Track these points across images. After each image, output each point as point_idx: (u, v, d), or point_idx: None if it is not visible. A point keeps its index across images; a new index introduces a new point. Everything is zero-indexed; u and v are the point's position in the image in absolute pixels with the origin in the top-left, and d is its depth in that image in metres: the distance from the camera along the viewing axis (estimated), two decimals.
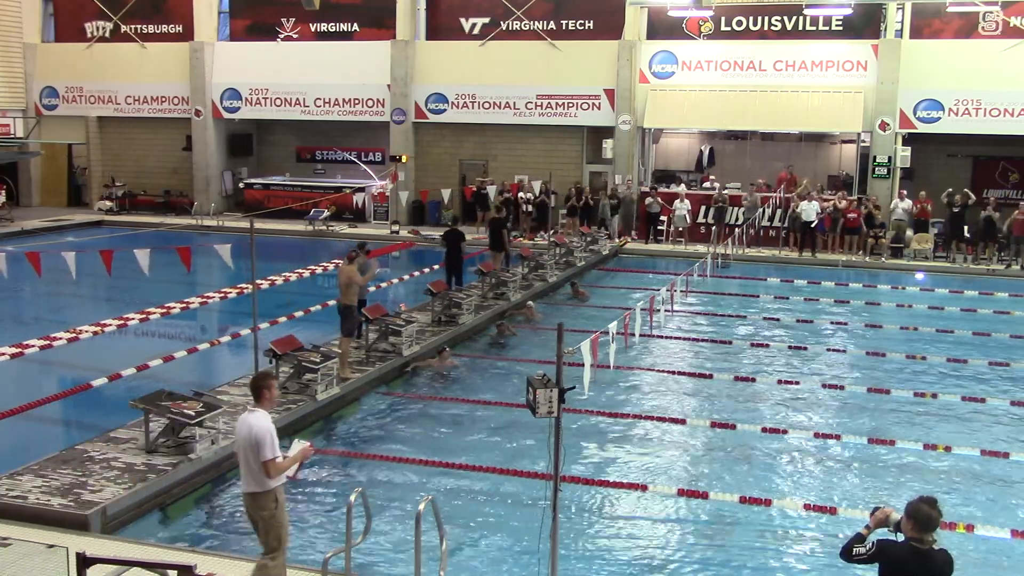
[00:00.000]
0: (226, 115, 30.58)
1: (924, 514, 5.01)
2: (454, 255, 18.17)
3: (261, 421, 6.53)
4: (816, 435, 11.45)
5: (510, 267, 20.09)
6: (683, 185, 27.11)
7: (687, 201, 25.53)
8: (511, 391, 12.35)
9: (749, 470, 10.48)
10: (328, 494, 9.51)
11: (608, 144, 26.94)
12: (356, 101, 29.41)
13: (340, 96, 29.46)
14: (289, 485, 7.77)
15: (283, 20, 30.22)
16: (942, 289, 20.88)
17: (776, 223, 25.14)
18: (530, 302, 17.89)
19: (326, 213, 27.80)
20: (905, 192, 24.50)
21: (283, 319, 16.54)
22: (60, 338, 15.21)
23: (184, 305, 18.12)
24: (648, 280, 21.19)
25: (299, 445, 6.89)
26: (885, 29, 25.47)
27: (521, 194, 26.20)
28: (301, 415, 11.41)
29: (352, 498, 7.09)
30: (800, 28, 26.12)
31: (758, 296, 19.86)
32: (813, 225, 24.01)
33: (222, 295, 18.98)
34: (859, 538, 5.20)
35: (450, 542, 7.59)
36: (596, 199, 25.99)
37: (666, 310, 16.39)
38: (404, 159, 28.64)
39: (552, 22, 27.88)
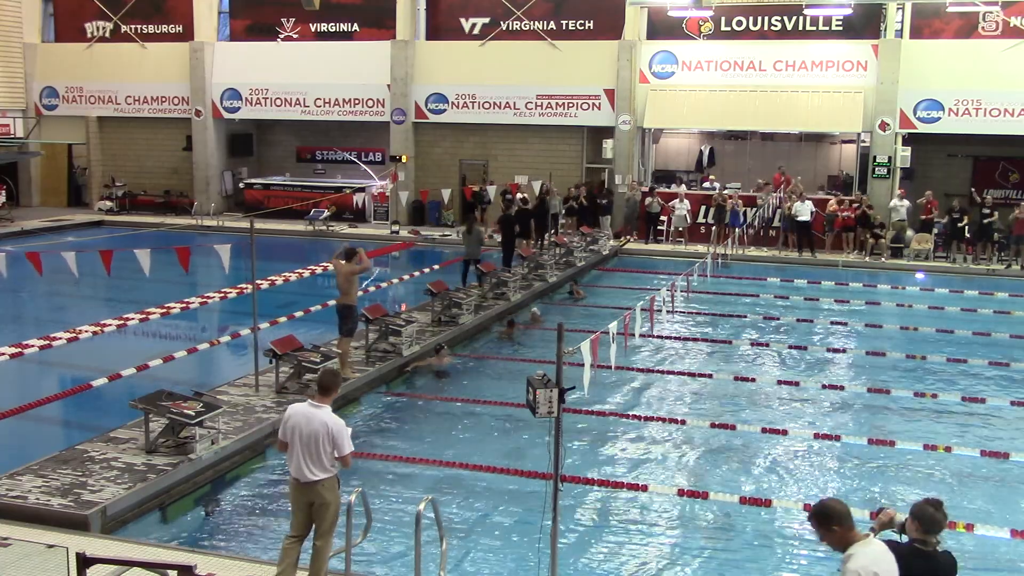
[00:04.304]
0: (226, 115, 30.58)
1: (929, 515, 5.01)
2: (508, 240, 20.07)
3: (336, 417, 6.93)
4: (816, 435, 11.45)
5: (511, 266, 20.14)
6: (683, 185, 27.11)
7: (687, 201, 25.54)
8: (511, 391, 12.34)
9: (749, 470, 10.49)
10: None
11: (608, 144, 26.94)
12: (356, 101, 29.41)
13: (340, 96, 29.46)
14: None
15: (283, 20, 30.21)
16: (942, 289, 20.88)
17: (776, 223, 25.16)
18: (534, 308, 17.90)
19: (326, 213, 27.79)
20: (903, 191, 24.52)
21: (283, 319, 16.55)
22: (60, 338, 15.20)
23: (184, 305, 18.12)
24: (648, 280, 21.19)
25: None
26: (885, 29, 25.47)
27: (519, 195, 26.17)
28: None
29: (352, 498, 7.10)
30: (800, 28, 26.11)
31: (758, 296, 19.86)
32: (808, 221, 24.06)
33: (222, 295, 18.97)
34: None
35: (450, 542, 7.59)
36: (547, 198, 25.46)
37: (667, 310, 16.39)
38: (404, 159, 28.65)
39: (552, 22, 27.88)
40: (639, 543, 8.71)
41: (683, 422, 11.89)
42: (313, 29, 30.06)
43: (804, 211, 24.12)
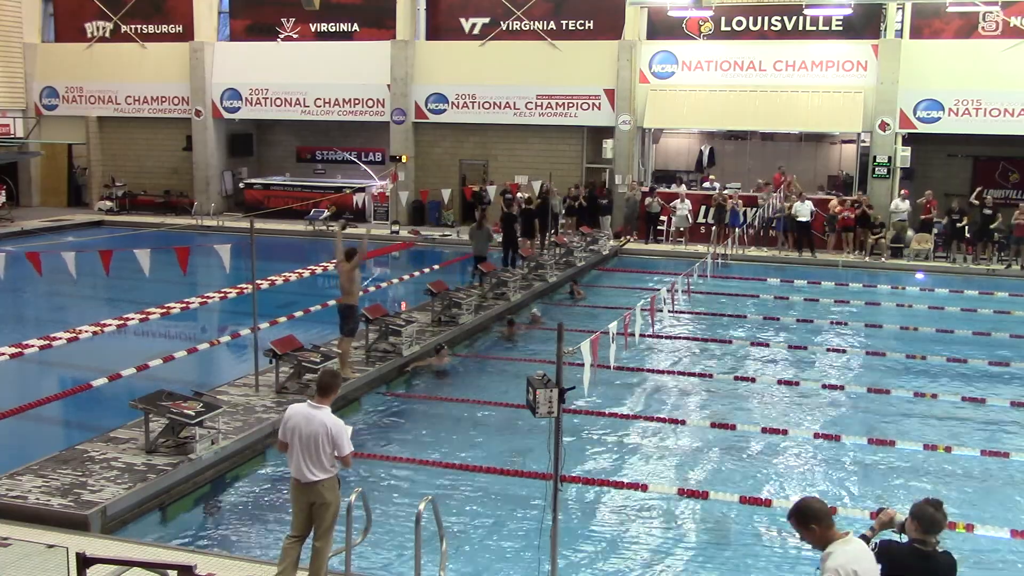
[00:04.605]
0: (226, 115, 30.58)
1: (929, 516, 5.01)
2: (510, 238, 20.59)
3: (336, 419, 6.94)
4: (816, 435, 11.45)
5: (513, 266, 20.16)
6: (683, 185, 27.11)
7: (687, 201, 25.54)
8: (511, 391, 12.35)
9: (749, 470, 10.49)
10: None
11: (608, 144, 26.95)
12: (356, 101, 29.41)
13: (340, 96, 29.46)
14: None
15: (283, 20, 30.21)
16: (942, 289, 20.87)
17: (773, 225, 25.16)
18: (534, 308, 17.90)
19: (326, 213, 27.79)
20: (907, 192, 24.52)
21: (283, 319, 16.55)
22: (60, 338, 15.20)
23: (184, 305, 18.12)
24: (648, 280, 21.18)
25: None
26: (885, 29, 25.47)
27: (520, 194, 26.17)
28: None
29: (352, 498, 7.10)
30: (800, 28, 26.11)
31: (758, 296, 19.86)
32: (808, 221, 24.08)
33: (222, 295, 18.97)
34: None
35: (450, 542, 7.59)
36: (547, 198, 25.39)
37: (667, 310, 16.38)
38: (404, 159, 28.65)
39: (552, 22, 27.88)
40: (639, 543, 8.71)
41: (683, 422, 11.89)
42: (313, 29, 30.06)
43: (804, 211, 24.13)
